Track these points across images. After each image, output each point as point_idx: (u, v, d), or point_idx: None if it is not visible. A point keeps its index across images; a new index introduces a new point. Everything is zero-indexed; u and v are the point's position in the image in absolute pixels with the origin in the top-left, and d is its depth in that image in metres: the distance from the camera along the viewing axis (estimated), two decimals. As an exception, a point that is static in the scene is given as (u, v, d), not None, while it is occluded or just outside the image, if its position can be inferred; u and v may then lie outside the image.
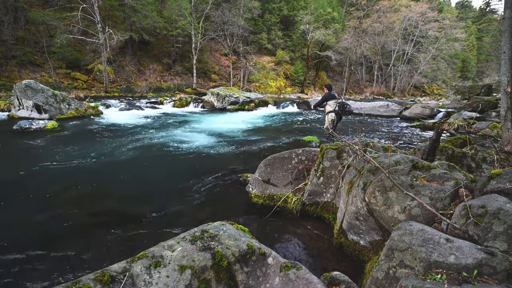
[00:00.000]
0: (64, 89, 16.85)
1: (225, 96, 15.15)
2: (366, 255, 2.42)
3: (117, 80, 20.80)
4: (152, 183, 4.31)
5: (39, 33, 18.29)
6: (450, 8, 57.47)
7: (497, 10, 55.75)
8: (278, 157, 3.76)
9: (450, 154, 3.76)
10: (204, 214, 3.37)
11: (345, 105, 6.41)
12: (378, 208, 2.23)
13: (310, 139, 7.32)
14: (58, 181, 4.19)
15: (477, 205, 1.81)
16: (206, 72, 26.60)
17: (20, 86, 9.12)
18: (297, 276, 1.61)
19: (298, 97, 26.50)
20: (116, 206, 3.46)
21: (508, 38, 4.67)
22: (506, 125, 4.83)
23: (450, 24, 32.41)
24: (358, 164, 2.74)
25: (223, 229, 1.85)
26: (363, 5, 38.78)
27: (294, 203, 3.37)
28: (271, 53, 32.74)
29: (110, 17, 22.18)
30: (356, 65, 37.27)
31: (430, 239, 1.58)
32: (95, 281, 1.34)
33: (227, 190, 4.10)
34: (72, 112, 10.05)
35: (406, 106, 15.41)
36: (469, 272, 1.38)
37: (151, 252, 1.57)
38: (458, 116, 11.16)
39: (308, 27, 28.79)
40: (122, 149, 6.09)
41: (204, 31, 23.81)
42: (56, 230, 2.89)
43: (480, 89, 17.58)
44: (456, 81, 41.42)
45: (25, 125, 7.48)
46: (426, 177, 2.33)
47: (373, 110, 15.17)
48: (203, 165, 5.15)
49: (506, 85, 4.77)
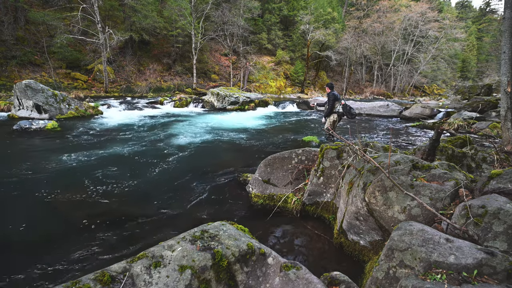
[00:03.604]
0: (64, 89, 16.85)
1: (225, 96, 15.15)
2: (366, 255, 2.42)
3: (117, 80, 20.80)
4: (152, 183, 4.31)
5: (39, 33, 18.30)
6: (450, 8, 57.48)
7: (497, 10, 55.74)
8: (278, 157, 3.76)
9: (450, 154, 3.76)
10: (204, 214, 3.37)
11: (350, 108, 6.21)
12: (378, 208, 2.23)
13: (310, 139, 7.32)
14: (58, 181, 4.19)
15: (477, 205, 1.81)
16: (206, 72, 26.61)
17: (20, 86, 9.12)
18: (297, 276, 1.61)
19: (298, 97, 26.50)
20: (116, 206, 3.46)
21: (508, 38, 4.67)
22: (506, 125, 4.83)
23: (450, 24, 32.41)
24: (358, 164, 2.74)
25: (223, 229, 1.85)
26: (363, 5, 38.79)
27: (294, 203, 3.37)
28: (271, 53, 32.74)
29: (110, 17, 22.19)
30: (356, 65, 37.28)
31: (430, 239, 1.58)
32: (95, 281, 1.34)
33: (227, 190, 4.10)
34: (72, 112, 10.05)
35: (406, 106, 15.40)
36: (469, 272, 1.38)
37: (151, 252, 1.57)
38: (458, 116, 11.16)
39: (308, 27, 28.80)
40: (122, 149, 6.09)
41: (204, 31, 23.81)
42: (56, 230, 2.89)
43: (480, 89, 17.58)
44: (456, 81, 41.41)
45: (25, 125, 7.48)
46: (426, 177, 2.33)
47: (373, 110, 15.17)
48: (203, 165, 5.15)
49: (506, 85, 4.77)
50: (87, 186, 4.03)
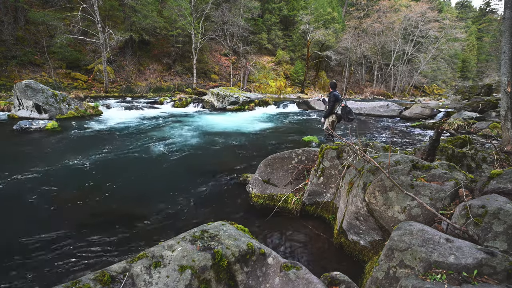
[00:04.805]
0: (64, 89, 16.85)
1: (225, 96, 15.15)
2: (366, 255, 2.42)
3: (117, 80, 20.80)
4: (152, 183, 4.31)
5: (39, 33, 18.29)
6: (450, 8, 57.46)
7: (497, 10, 55.72)
8: (278, 157, 3.76)
9: (450, 154, 3.76)
10: (204, 214, 3.37)
11: (349, 111, 6.16)
12: (378, 208, 2.23)
13: (310, 139, 7.32)
14: (58, 181, 4.19)
15: (477, 205, 1.81)
16: (206, 72, 26.61)
17: (20, 86, 9.12)
18: (297, 276, 1.61)
19: (298, 97, 26.50)
20: (116, 206, 3.46)
21: (508, 38, 4.67)
22: (506, 125, 4.83)
23: (450, 24, 32.40)
24: (358, 164, 2.74)
25: (223, 229, 1.85)
26: (363, 5, 38.79)
27: (294, 203, 3.37)
28: (271, 53, 32.74)
29: (110, 17, 22.18)
30: (356, 65, 37.27)
31: (430, 239, 1.58)
32: (95, 281, 1.34)
33: (227, 190, 4.10)
34: (72, 112, 10.06)
35: (406, 106, 15.41)
36: (469, 272, 1.38)
37: (151, 252, 1.57)
38: (458, 116, 11.16)
39: (308, 27, 28.80)
40: (122, 149, 6.09)
41: (204, 31, 23.81)
42: (56, 230, 2.89)
43: (480, 89, 17.58)
44: (456, 81, 41.39)
45: (25, 125, 7.48)
46: (426, 177, 2.33)
47: (373, 110, 15.18)
48: (203, 165, 5.15)
49: (506, 85, 4.78)
50: (87, 186, 4.03)
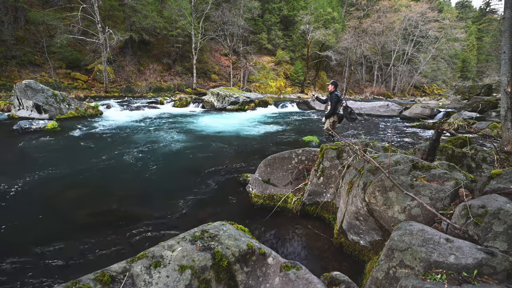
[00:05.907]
0: (64, 89, 16.85)
1: (225, 96, 15.15)
2: (366, 255, 2.42)
3: (117, 80, 20.80)
4: (152, 183, 4.31)
5: (39, 33, 18.29)
6: (450, 8, 57.44)
7: (497, 10, 55.71)
8: (278, 157, 3.76)
9: (450, 154, 3.76)
10: (204, 214, 3.37)
11: (351, 111, 6.16)
12: (378, 208, 2.23)
13: (310, 139, 7.32)
14: (58, 181, 4.19)
15: (477, 205, 1.81)
16: (206, 72, 26.61)
17: (20, 86, 9.12)
18: (297, 276, 1.61)
19: (298, 97, 26.52)
20: (116, 206, 3.46)
21: (508, 38, 4.67)
22: (506, 125, 4.83)
23: (450, 24, 32.40)
24: (358, 164, 2.74)
25: (223, 229, 1.85)
26: (363, 5, 38.79)
27: (294, 203, 3.37)
28: (271, 53, 32.74)
29: (110, 17, 22.18)
30: (356, 65, 37.26)
31: (430, 239, 1.58)
32: (95, 281, 1.34)
33: (227, 190, 4.10)
34: (72, 112, 10.05)
35: (406, 106, 15.42)
36: (469, 272, 1.38)
37: (151, 252, 1.57)
38: (458, 116, 11.16)
39: (308, 27, 28.80)
40: (122, 149, 6.09)
41: (204, 31, 23.81)
42: (56, 230, 2.89)
43: (480, 89, 17.59)
44: (456, 81, 41.40)
45: (25, 125, 7.48)
46: (426, 177, 2.33)
47: (373, 110, 15.18)
48: (203, 165, 5.15)
49: (506, 85, 4.78)
50: (87, 186, 4.03)
